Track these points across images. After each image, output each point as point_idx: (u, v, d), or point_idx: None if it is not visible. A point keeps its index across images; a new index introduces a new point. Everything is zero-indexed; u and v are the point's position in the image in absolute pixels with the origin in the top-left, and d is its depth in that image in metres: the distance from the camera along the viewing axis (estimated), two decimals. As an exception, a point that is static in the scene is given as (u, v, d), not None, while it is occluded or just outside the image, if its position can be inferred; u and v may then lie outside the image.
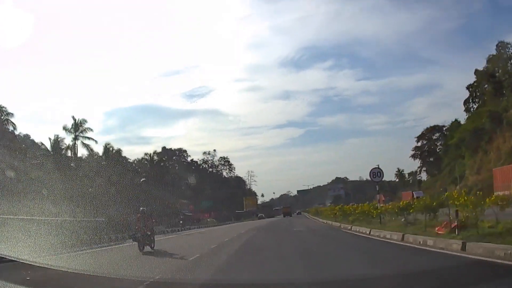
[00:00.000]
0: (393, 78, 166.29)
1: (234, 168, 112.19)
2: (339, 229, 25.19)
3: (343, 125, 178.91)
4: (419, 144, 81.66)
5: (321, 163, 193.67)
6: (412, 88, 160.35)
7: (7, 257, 9.03)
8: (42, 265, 9.17)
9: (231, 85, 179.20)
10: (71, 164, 42.29)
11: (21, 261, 8.93)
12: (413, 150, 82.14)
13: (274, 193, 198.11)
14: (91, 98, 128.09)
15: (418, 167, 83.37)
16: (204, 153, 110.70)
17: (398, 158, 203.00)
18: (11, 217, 18.06)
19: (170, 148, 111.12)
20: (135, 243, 16.58)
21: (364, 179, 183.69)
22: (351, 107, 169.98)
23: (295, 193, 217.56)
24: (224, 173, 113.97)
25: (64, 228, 20.36)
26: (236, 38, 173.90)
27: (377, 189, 25.60)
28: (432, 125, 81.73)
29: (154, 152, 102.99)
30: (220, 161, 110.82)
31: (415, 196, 39.41)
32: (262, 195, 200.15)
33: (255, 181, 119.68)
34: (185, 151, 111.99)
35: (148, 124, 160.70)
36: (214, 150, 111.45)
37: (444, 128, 77.30)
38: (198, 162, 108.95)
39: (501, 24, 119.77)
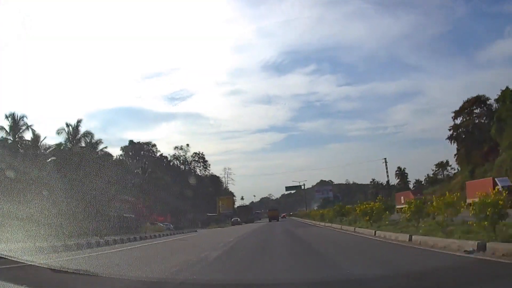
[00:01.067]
0: (375, 84, 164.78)
1: (209, 165, 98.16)
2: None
3: (324, 131, 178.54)
4: (458, 121, 60.71)
5: (302, 168, 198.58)
6: (394, 94, 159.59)
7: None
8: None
9: (212, 88, 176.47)
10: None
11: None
12: (450, 129, 61.80)
13: (254, 196, 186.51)
14: (72, 98, 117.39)
15: (456, 154, 62.61)
16: (176, 148, 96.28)
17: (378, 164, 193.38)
18: None
19: (138, 142, 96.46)
20: None
21: (351, 182, 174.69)
22: (332, 113, 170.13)
23: (277, 196, 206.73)
24: (198, 171, 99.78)
25: None
26: (219, 41, 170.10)
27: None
28: (473, 96, 59.06)
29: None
30: (193, 157, 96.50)
31: (499, 186, 27.37)
32: (242, 198, 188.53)
33: (232, 179, 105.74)
34: (155, 145, 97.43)
35: (129, 126, 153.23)
36: (187, 145, 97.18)
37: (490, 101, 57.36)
38: (168, 158, 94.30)
39: (486, 31, 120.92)
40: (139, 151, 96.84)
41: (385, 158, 73.84)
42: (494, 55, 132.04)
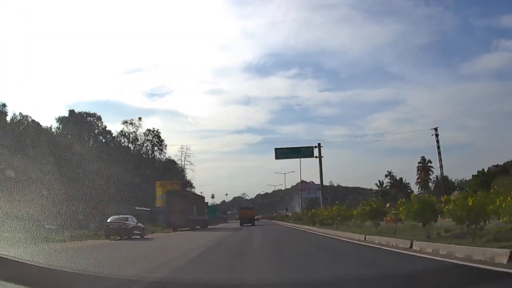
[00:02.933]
0: (357, 90, 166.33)
1: (166, 146, 75.80)
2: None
3: (302, 135, 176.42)
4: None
5: (278, 170, 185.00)
6: (375, 102, 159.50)
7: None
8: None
9: (193, 86, 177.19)
10: None
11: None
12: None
13: (226, 194, 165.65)
14: (53, 89, 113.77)
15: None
16: (125, 122, 73.66)
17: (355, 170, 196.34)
18: None
19: (80, 112, 73.40)
20: None
21: (335, 184, 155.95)
22: (311, 117, 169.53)
23: (252, 196, 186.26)
24: (155, 153, 77.26)
25: None
26: (203, 40, 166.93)
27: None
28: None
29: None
30: (147, 135, 74.05)
31: None
32: (213, 196, 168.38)
33: (191, 163, 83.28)
34: (100, 117, 74.50)
35: (108, 120, 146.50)
36: (140, 119, 74.58)
37: None
38: (113, 134, 71.67)
39: (472, 44, 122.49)
40: (77, 124, 73.77)
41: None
42: (479, 69, 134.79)
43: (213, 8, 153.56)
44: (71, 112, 73.24)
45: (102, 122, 73.72)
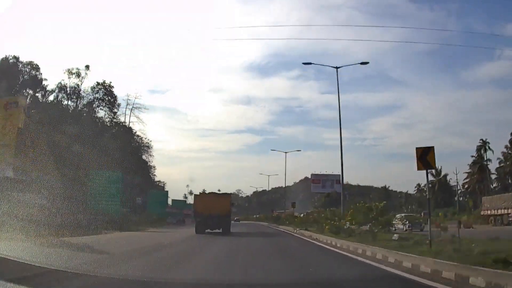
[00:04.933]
0: (358, 94, 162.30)
1: (119, 105, 53.65)
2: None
3: (301, 137, 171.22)
4: None
5: (276, 172, 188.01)
6: (375, 106, 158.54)
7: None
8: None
9: (193, 84, 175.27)
10: None
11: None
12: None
13: (219, 190, 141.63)
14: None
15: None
16: (69, 71, 51.21)
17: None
18: None
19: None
20: None
21: (355, 183, 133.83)
22: (311, 120, 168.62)
23: (248, 193, 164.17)
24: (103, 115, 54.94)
25: None
26: (205, 37, 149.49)
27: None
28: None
29: None
30: (95, 91, 51.54)
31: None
32: (204, 192, 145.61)
33: (143, 123, 62.09)
34: (38, 67, 52.05)
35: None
36: (87, 67, 52.17)
37: None
38: (44, 84, 49.22)
39: (476, 52, 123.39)
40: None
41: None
42: (481, 76, 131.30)
43: (216, 6, 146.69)
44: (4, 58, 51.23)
45: (41, 74, 51.65)
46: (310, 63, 36.10)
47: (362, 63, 32.71)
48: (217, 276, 8.89)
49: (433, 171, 63.37)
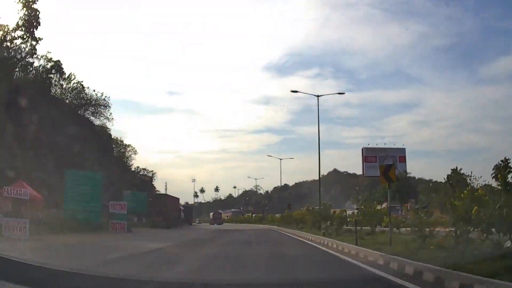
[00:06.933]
0: (376, 92, 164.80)
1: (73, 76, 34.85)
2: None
3: (321, 136, 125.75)
4: None
5: (296, 172, 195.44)
6: (393, 104, 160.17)
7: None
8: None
9: (212, 85, 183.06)
10: None
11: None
12: None
13: (235, 187, 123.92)
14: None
15: None
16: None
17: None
18: None
19: None
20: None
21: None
22: (330, 118, 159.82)
23: (268, 189, 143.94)
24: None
25: None
26: (222, 38, 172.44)
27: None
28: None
29: None
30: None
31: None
32: (217, 189, 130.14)
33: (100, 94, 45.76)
34: None
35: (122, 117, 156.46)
36: (33, 30, 33.13)
37: None
38: None
39: (492, 47, 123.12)
40: None
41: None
42: (498, 72, 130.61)
43: (233, 6, 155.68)
44: None
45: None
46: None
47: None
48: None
49: None
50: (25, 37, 34.29)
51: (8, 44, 34.23)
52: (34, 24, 34.18)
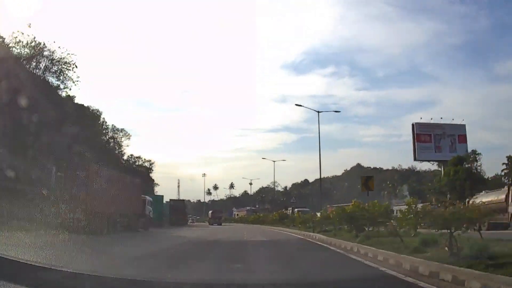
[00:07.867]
0: (392, 90, 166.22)
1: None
2: None
3: (337, 135, 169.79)
4: None
5: (313, 170, 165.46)
6: (410, 102, 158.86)
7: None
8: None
9: (229, 83, 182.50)
10: None
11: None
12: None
13: (251, 184, 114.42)
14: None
15: None
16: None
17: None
18: None
19: None
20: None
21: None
22: (347, 117, 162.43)
23: (286, 184, 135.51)
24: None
25: None
26: (238, 37, 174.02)
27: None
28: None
29: None
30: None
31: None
32: (232, 186, 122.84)
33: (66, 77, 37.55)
34: None
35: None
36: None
37: None
38: None
39: (507, 44, 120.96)
40: None
41: None
42: None
43: (250, 5, 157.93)
44: None
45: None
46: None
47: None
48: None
49: None
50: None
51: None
52: None
